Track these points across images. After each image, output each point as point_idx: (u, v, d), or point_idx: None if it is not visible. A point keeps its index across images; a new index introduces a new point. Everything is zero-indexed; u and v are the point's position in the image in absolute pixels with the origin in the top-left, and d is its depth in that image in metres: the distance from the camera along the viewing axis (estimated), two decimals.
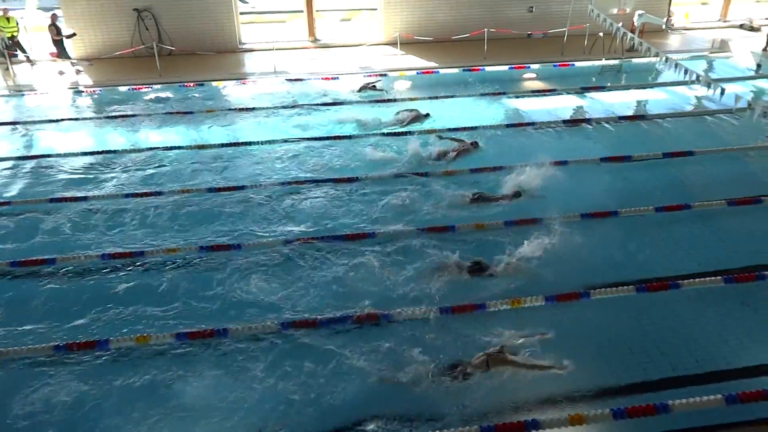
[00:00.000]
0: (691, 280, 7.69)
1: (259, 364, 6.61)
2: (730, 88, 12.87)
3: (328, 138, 12.24)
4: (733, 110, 12.92)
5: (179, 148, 12.00)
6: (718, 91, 11.89)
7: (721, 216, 9.38)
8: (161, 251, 8.51)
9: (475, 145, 11.64)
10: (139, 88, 15.34)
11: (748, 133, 12.15)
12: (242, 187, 10.31)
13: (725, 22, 20.11)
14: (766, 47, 17.11)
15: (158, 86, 15.47)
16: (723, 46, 17.52)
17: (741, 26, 19.41)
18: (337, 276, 8.04)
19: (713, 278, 7.74)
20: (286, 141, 12.15)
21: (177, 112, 13.92)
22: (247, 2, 22.07)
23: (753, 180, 10.57)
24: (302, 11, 18.68)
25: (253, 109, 14.06)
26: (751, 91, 14.77)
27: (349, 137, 12.27)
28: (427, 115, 13.14)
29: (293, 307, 7.47)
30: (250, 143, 12.12)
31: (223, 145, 12.06)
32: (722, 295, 7.60)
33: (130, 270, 8.22)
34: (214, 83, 15.70)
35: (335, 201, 9.92)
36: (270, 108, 14.08)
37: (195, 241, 8.77)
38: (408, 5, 18.16)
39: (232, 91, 15.49)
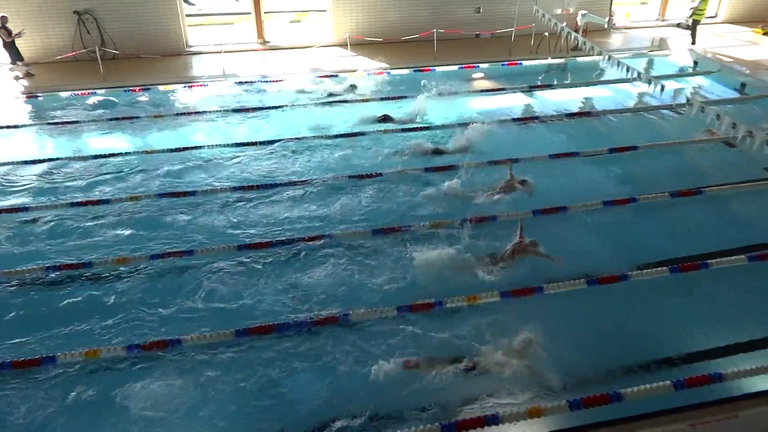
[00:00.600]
0: (639, 271, 7.97)
1: (213, 372, 6.50)
2: (670, 85, 13.36)
3: (280, 140, 12.10)
4: (673, 106, 13.43)
5: (126, 154, 11.64)
6: (659, 87, 12.32)
7: (665, 208, 9.74)
8: (110, 261, 8.26)
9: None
10: (82, 94, 14.82)
11: (688, 128, 12.66)
12: (193, 193, 10.11)
13: (663, 21, 20.85)
14: (692, 42, 17.93)
15: (102, 91, 14.97)
16: (662, 44, 18.19)
17: (678, 25, 20.17)
18: (294, 280, 7.99)
19: (659, 268, 8.03)
20: (237, 145, 11.96)
21: (123, 118, 13.49)
22: (193, 4, 21.60)
23: (694, 172, 11.01)
24: (250, 13, 18.44)
25: (203, 112, 13.77)
26: (691, 88, 15.37)
27: (301, 139, 12.17)
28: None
29: (248, 313, 7.38)
30: (199, 147, 11.87)
31: (171, 151, 11.77)
32: (668, 284, 7.90)
33: (77, 282, 7.95)
34: (161, 87, 15.30)
35: (289, 204, 9.83)
36: (220, 111, 13.83)
37: (146, 250, 8.54)
38: (357, 7, 18.17)
39: (180, 96, 15.13)
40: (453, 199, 9.83)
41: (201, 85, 15.43)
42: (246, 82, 15.56)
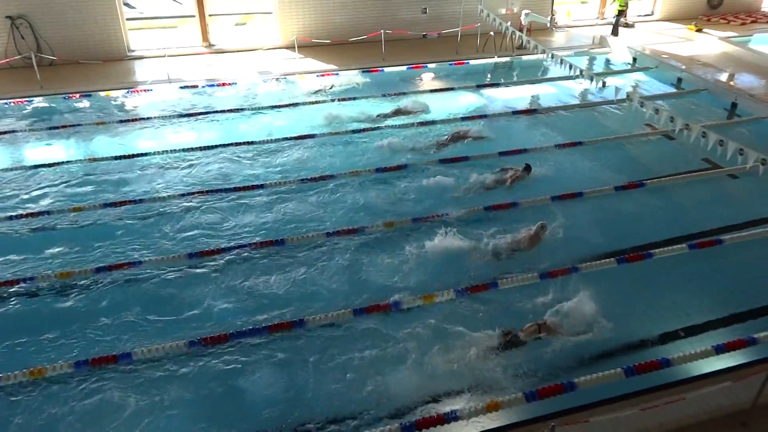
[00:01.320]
0: (588, 263, 8.20)
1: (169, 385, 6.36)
2: (611, 81, 13.79)
3: (227, 145, 11.90)
4: (614, 101, 13.86)
5: (67, 163, 11.22)
6: (600, 84, 12.71)
7: (610, 200, 10.04)
8: (53, 276, 7.94)
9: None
10: (18, 102, 14.20)
11: (629, 123, 13.09)
12: (139, 201, 9.84)
13: (603, 19, 21.47)
14: (613, 31, 18.72)
15: (40, 99, 14.39)
16: (602, 41, 18.76)
17: (626, 25, 20.81)
18: (245, 287, 7.89)
19: (607, 260, 8.28)
20: (184, 150, 11.70)
21: (63, 126, 13.00)
22: (134, 7, 20.99)
23: (636, 165, 11.38)
24: (194, 16, 18.06)
25: (148, 118, 13.41)
26: (630, 84, 15.91)
27: (251, 143, 12.01)
28: None
29: (196, 324, 7.25)
30: (145, 155, 11.55)
31: (116, 158, 11.41)
32: (616, 274, 8.15)
33: (18, 298, 7.62)
34: (102, 93, 14.79)
35: (238, 210, 9.69)
36: (166, 117, 13.51)
37: (91, 263, 8.26)
38: (303, 8, 18.04)
39: (122, 101, 14.66)
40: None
41: (145, 91, 15.02)
42: (191, 86, 15.23)
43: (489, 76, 16.74)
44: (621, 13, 19.04)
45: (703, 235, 8.91)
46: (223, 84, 15.35)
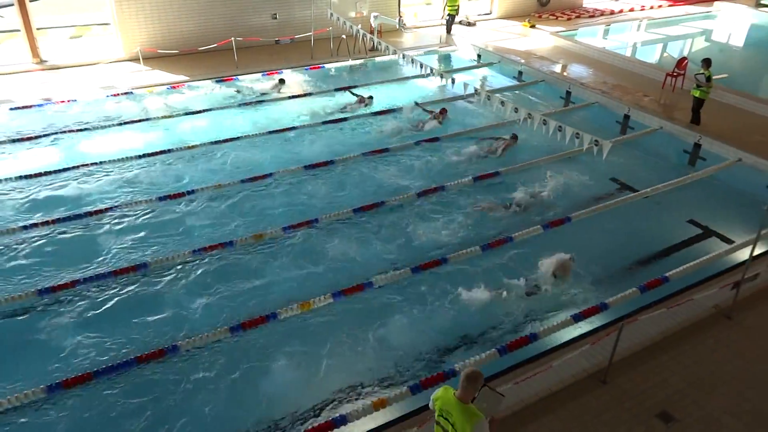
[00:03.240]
0: (457, 253, 8.58)
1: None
2: (460, 78, 14.49)
3: (71, 168, 11.02)
4: (464, 96, 14.63)
5: None
6: (450, 81, 13.35)
7: (470, 192, 10.57)
8: None
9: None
10: None
11: (480, 115, 13.88)
12: None
13: (442, 19, 22.41)
14: (447, 30, 20.03)
15: None
16: (449, 40, 19.72)
17: (459, 22, 21.98)
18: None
19: (473, 248, 8.71)
20: (20, 178, 10.63)
21: None
22: None
23: (489, 155, 12.06)
24: (19, 30, 16.39)
25: None
26: (477, 79, 16.87)
27: (99, 164, 11.19)
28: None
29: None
30: None
31: None
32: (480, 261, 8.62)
33: None
34: None
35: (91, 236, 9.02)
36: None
37: None
38: (145, 18, 17.05)
39: None
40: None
41: None
42: (23, 107, 13.78)
43: (346, 78, 16.86)
44: (451, 16, 20.20)
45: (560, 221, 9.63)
46: (61, 102, 14.08)
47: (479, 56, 18.46)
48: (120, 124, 13.15)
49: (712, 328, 7.23)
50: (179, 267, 8.34)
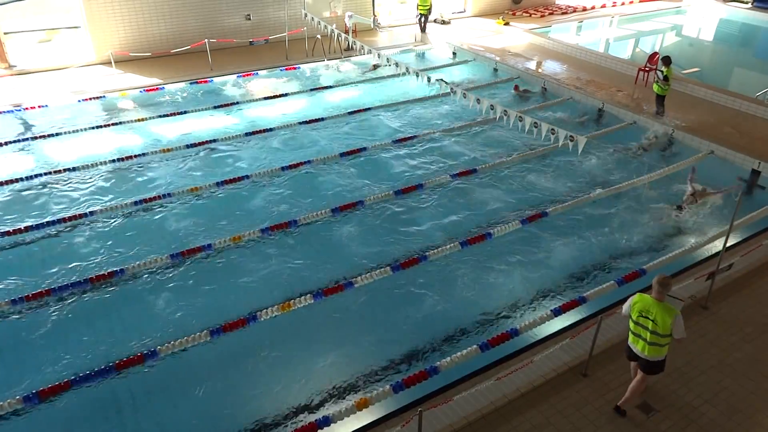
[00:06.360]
0: (437, 249, 8.59)
1: None
2: (435, 76, 14.52)
3: (42, 174, 10.82)
4: (440, 94, 14.65)
5: None
6: (426, 79, 13.35)
7: (447, 189, 10.60)
8: None
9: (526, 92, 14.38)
10: None
11: (459, 113, 13.92)
12: None
13: (415, 18, 22.52)
14: (421, 30, 20.06)
15: None
16: (424, 39, 19.75)
17: (434, 21, 22.04)
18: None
19: (452, 244, 8.74)
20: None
21: None
22: None
23: (470, 153, 12.08)
24: None
25: None
26: (453, 77, 16.92)
27: (73, 169, 11.00)
28: None
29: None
30: None
31: None
32: (462, 260, 8.66)
33: None
34: None
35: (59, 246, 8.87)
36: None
37: None
38: (116, 21, 16.78)
39: None
40: None
41: None
42: None
43: (321, 78, 16.77)
44: (424, 15, 20.19)
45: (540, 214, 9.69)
46: (32, 107, 13.80)
47: (454, 54, 18.52)
48: (93, 128, 12.90)
49: (689, 319, 7.31)
50: (157, 271, 8.23)
